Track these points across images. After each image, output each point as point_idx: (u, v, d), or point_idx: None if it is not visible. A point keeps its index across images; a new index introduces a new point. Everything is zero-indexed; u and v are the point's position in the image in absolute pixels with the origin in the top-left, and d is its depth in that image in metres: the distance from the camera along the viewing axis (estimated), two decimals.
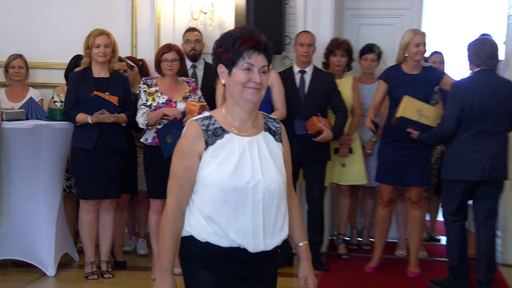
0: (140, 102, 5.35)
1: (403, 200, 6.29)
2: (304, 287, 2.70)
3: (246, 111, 2.48)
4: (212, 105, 5.60)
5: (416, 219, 5.94)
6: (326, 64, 6.40)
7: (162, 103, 5.32)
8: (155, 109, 5.31)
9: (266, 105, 5.57)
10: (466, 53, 5.54)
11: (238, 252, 2.46)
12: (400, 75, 5.69)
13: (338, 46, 6.28)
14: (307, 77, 5.98)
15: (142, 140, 5.48)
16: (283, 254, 5.73)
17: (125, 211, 6.19)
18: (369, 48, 6.60)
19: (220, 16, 6.74)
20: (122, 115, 5.36)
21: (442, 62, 6.88)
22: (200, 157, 2.42)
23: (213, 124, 2.45)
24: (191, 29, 6.37)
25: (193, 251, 2.51)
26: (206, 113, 2.54)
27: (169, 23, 6.80)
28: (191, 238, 2.50)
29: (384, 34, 7.16)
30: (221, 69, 2.44)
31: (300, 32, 6.22)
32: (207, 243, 2.44)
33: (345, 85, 6.29)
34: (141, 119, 5.27)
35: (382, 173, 5.98)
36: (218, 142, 2.41)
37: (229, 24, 6.61)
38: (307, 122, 5.82)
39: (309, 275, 2.68)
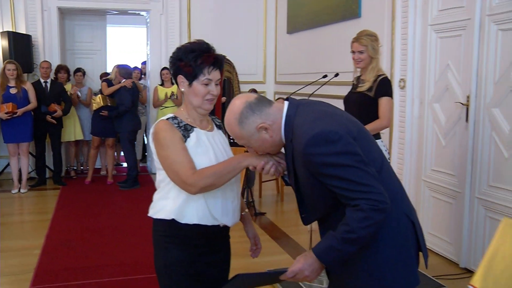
0: None
1: (104, 146, 8.09)
2: (254, 244, 2.51)
3: (202, 115, 2.27)
4: None
5: (111, 155, 8.01)
6: (56, 78, 7.90)
7: None
8: None
9: (25, 101, 7.17)
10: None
11: (217, 229, 2.25)
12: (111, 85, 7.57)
13: (62, 68, 8.00)
14: (48, 84, 7.56)
15: None
16: None
17: None
18: (78, 70, 8.50)
19: None
20: None
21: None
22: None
23: (181, 122, 2.20)
24: None
25: (172, 233, 2.21)
26: (171, 114, 2.25)
27: None
28: (172, 221, 2.19)
29: (88, 63, 9.13)
30: (181, 79, 2.19)
31: (42, 61, 7.76)
32: (193, 224, 2.18)
33: (68, 88, 8.00)
34: None
35: (93, 131, 7.81)
36: (192, 135, 2.19)
37: None
38: (49, 107, 7.41)
39: (257, 234, 2.52)
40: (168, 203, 2.23)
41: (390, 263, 2.01)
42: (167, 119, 2.23)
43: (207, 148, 2.23)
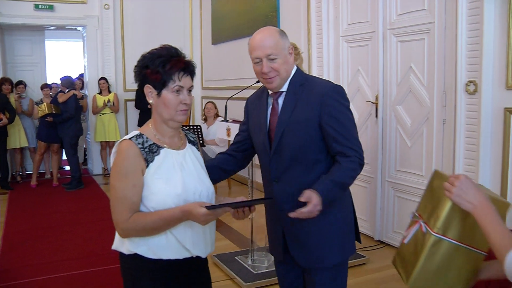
0: None
1: (48, 151, 7.86)
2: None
3: (174, 129, 1.84)
4: None
5: (56, 159, 7.71)
6: (0, 90, 7.26)
7: None
8: None
9: None
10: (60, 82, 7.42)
11: (191, 261, 1.83)
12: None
13: (6, 80, 7.41)
14: None
15: None
16: None
17: None
18: (20, 82, 7.94)
19: None
20: None
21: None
22: (142, 173, 1.73)
23: (147, 141, 1.76)
24: None
25: (141, 267, 1.79)
26: (136, 132, 1.80)
27: None
28: (136, 256, 1.77)
29: (28, 75, 8.74)
30: (148, 89, 1.78)
31: None
32: (160, 260, 1.76)
33: (12, 99, 7.45)
34: None
35: (40, 137, 7.52)
36: (156, 158, 1.75)
37: None
38: None
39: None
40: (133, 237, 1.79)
41: (345, 227, 2.17)
42: (131, 138, 1.77)
43: (172, 172, 1.78)
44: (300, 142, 2.05)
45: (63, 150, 7.79)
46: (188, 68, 1.80)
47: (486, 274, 1.60)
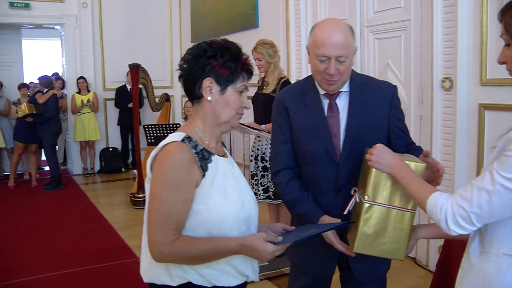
0: None
1: (27, 153, 7.63)
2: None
3: (222, 133, 1.60)
4: None
5: (34, 160, 7.53)
6: None
7: None
8: None
9: None
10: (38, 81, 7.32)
11: (243, 286, 1.60)
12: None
13: None
14: None
15: None
16: None
17: None
18: None
19: None
20: None
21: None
22: (196, 185, 1.45)
23: (197, 146, 1.48)
24: None
25: None
26: (183, 133, 1.48)
27: None
28: (188, 285, 1.50)
29: (5, 75, 8.60)
30: (209, 83, 1.50)
31: None
32: (214, 287, 1.51)
33: None
34: None
35: (17, 138, 7.22)
36: (210, 166, 1.48)
37: None
38: None
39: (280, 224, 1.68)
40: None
41: None
42: (183, 140, 1.47)
43: (227, 183, 1.52)
44: (371, 146, 1.81)
45: (42, 150, 7.66)
46: (251, 71, 1.59)
47: (424, 234, 1.77)
